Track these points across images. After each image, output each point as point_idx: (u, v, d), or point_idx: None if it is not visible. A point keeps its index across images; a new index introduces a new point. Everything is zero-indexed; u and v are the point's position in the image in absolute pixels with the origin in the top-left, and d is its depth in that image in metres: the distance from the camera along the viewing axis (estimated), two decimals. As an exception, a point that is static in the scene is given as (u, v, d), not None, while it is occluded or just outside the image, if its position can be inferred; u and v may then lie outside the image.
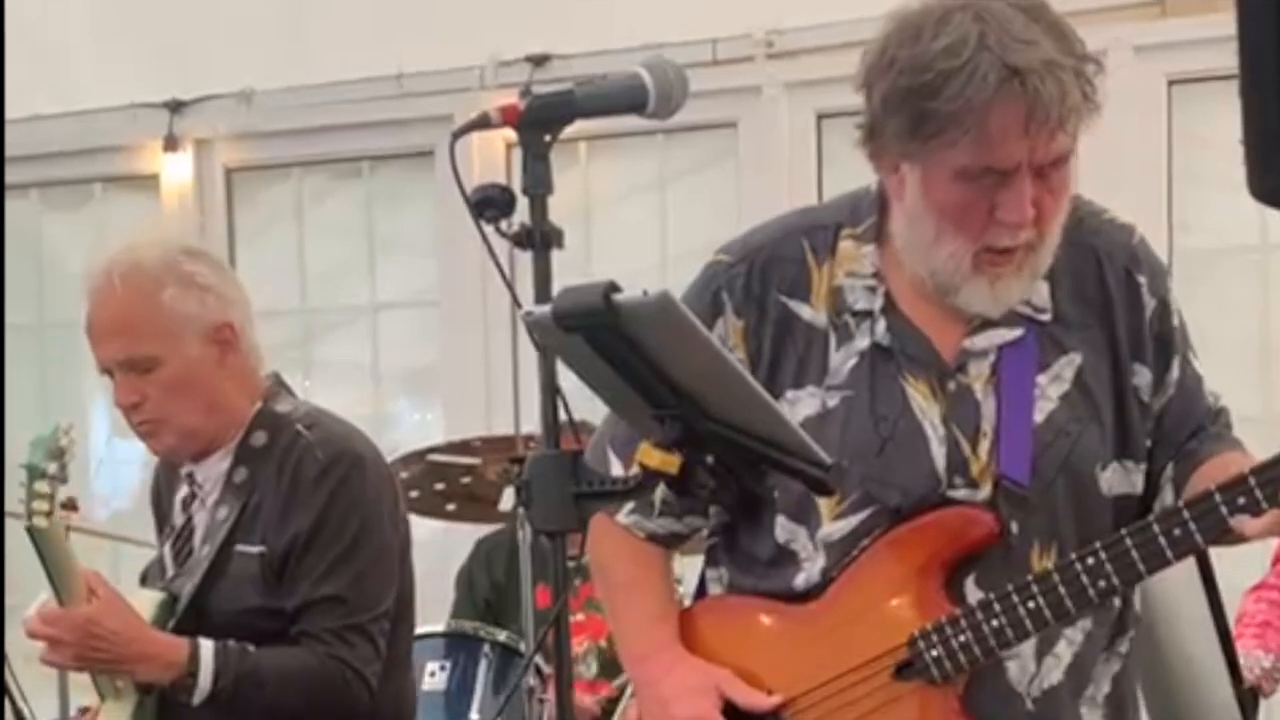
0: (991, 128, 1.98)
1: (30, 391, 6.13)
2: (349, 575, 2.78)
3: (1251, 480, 2.01)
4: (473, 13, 5.46)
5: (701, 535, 2.38)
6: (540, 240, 1.78)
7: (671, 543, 2.36)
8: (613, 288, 1.63)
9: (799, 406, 2.19)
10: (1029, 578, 2.10)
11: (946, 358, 2.18)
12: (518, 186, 1.81)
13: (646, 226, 5.58)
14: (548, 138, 1.81)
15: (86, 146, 6.10)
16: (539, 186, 1.79)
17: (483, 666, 3.87)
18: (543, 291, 1.74)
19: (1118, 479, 2.20)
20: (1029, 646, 2.15)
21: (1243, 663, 3.32)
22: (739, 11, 5.21)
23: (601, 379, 1.72)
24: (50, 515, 2.73)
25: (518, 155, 1.83)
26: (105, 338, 2.82)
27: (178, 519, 2.95)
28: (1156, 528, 2.06)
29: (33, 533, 2.74)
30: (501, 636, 3.93)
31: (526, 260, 1.79)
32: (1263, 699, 3.49)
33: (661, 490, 2.01)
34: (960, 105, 1.97)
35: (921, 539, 2.16)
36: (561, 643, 1.82)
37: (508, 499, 4.12)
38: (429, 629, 3.79)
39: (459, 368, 5.71)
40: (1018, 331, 2.17)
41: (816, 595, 2.21)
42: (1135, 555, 2.06)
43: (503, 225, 1.79)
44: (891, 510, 2.16)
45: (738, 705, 2.22)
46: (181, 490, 2.95)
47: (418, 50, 5.56)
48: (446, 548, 5.03)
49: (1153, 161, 4.88)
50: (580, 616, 4.21)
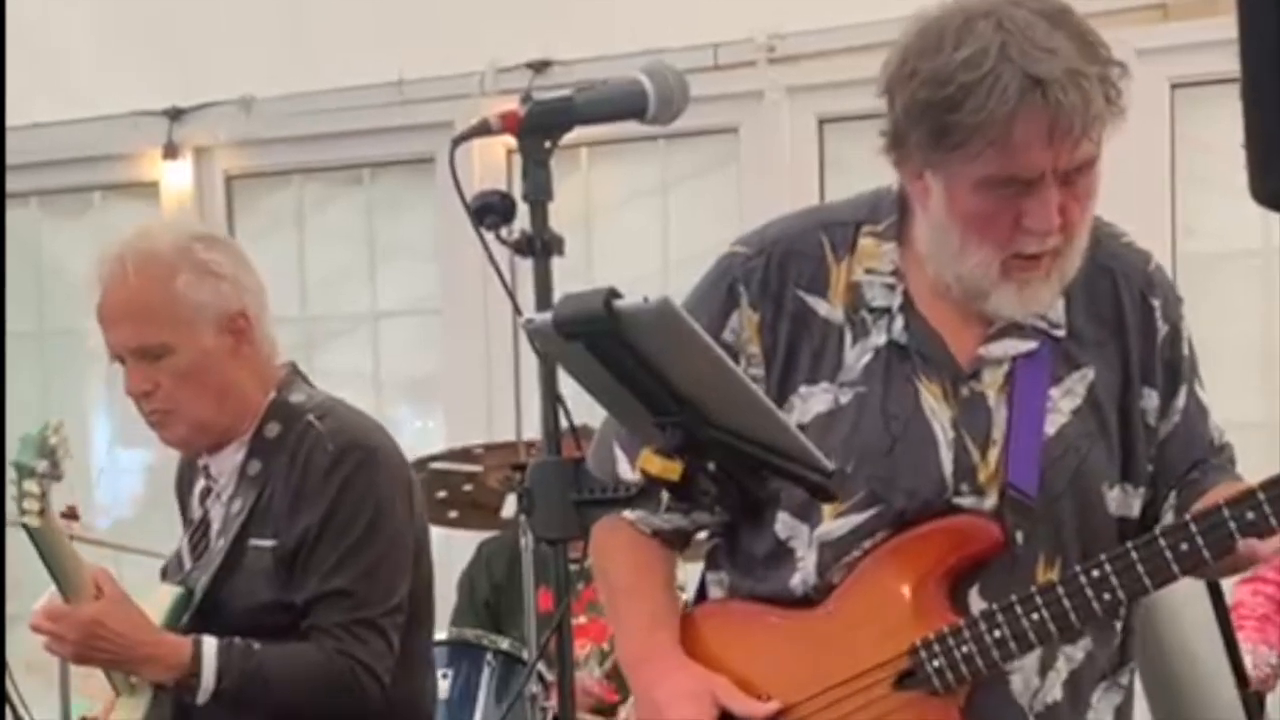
0: (1015, 139, 1.97)
1: (30, 399, 6.10)
2: (359, 569, 2.74)
3: (1260, 495, 2.00)
4: (473, 18, 5.45)
5: (701, 539, 2.36)
6: (541, 247, 1.77)
7: (677, 540, 2.34)
8: (613, 294, 1.62)
9: (811, 402, 2.18)
10: (1033, 589, 2.09)
11: (962, 362, 2.17)
12: (519, 193, 1.80)
13: (648, 232, 5.57)
14: (548, 144, 1.79)
15: (86, 154, 6.10)
16: (539, 193, 1.78)
17: (485, 675, 3.87)
18: (543, 298, 1.74)
19: (1120, 500, 2.19)
20: (1032, 660, 2.13)
21: (1249, 660, 3.31)
22: (740, 16, 5.20)
23: (602, 386, 1.71)
24: (44, 514, 2.70)
25: (519, 161, 1.82)
26: (116, 323, 2.78)
27: (195, 512, 2.92)
28: (1163, 541, 2.05)
29: (29, 531, 2.71)
30: (504, 644, 3.93)
31: (528, 267, 1.78)
32: (1269, 695, 3.48)
33: (666, 486, 2.00)
34: (983, 118, 1.96)
35: (926, 547, 2.14)
36: (564, 647, 1.81)
37: (510, 506, 4.11)
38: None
39: (460, 375, 5.70)
40: (1032, 344, 2.16)
41: (815, 599, 2.19)
42: (1141, 569, 2.05)
43: (503, 232, 1.78)
44: (895, 513, 2.15)
45: (734, 714, 2.20)
46: (199, 483, 2.92)
47: (418, 56, 5.55)
48: (449, 555, 5.00)
49: (1155, 165, 4.86)
50: (583, 619, 4.19)
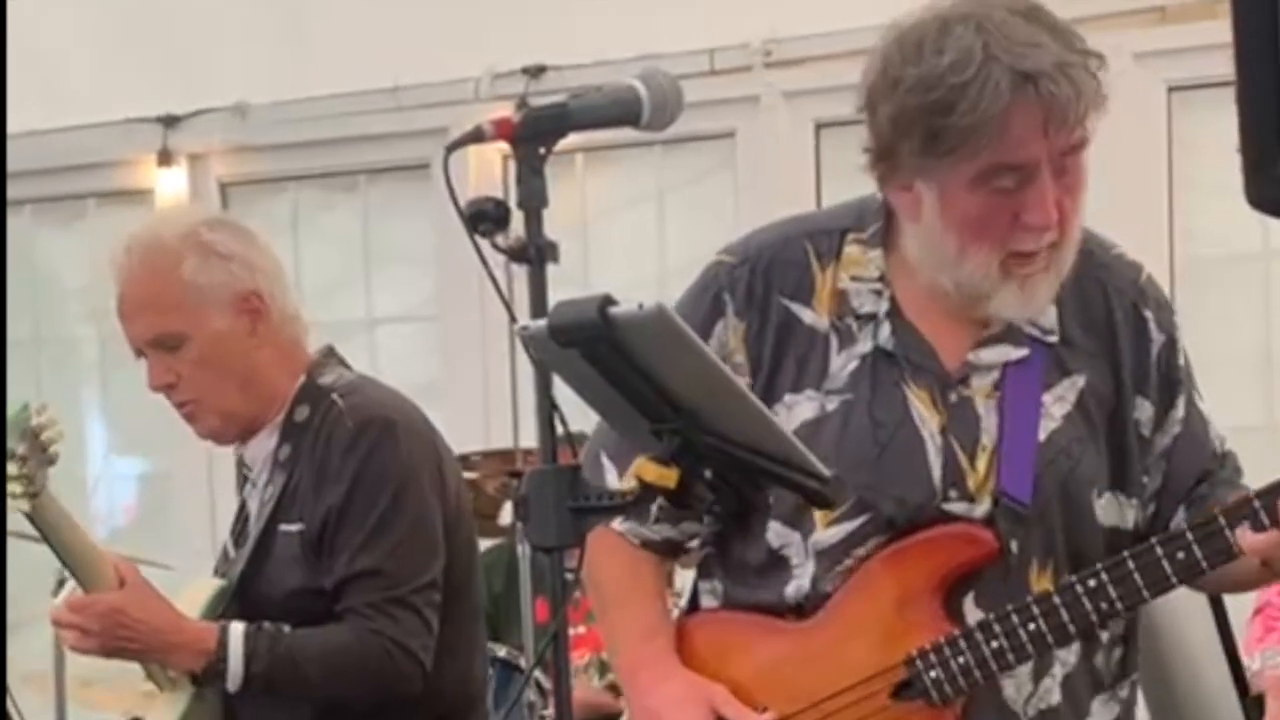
0: (1010, 135, 1.96)
1: (26, 407, 6.10)
2: (385, 546, 2.67)
3: (1256, 503, 2.00)
4: (468, 25, 5.45)
5: (694, 546, 2.35)
6: (536, 254, 1.76)
7: (667, 550, 2.32)
8: (608, 301, 1.61)
9: (797, 410, 2.17)
10: (1029, 599, 2.08)
11: (950, 368, 2.16)
12: (514, 199, 1.79)
13: (644, 238, 5.57)
14: (543, 150, 1.78)
15: (80, 162, 6.10)
16: (534, 200, 1.77)
17: (483, 682, 3.86)
18: (539, 305, 1.72)
19: (1111, 510, 2.18)
20: (1025, 665, 2.12)
21: (1259, 662, 3.30)
22: (736, 21, 5.20)
23: (598, 393, 1.70)
24: (35, 497, 2.60)
25: (514, 167, 1.81)
26: (130, 316, 2.76)
27: (241, 503, 2.89)
28: (1160, 550, 2.04)
29: (27, 518, 2.65)
30: (502, 652, 3.93)
31: (524, 274, 1.77)
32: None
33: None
34: (976, 119, 1.95)
35: (921, 556, 2.13)
36: (560, 656, 1.80)
37: (507, 513, 4.10)
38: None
39: (457, 382, 5.69)
40: (1024, 351, 2.15)
41: (810, 608, 2.18)
42: (1138, 578, 2.05)
43: (498, 239, 1.77)
44: (885, 520, 2.13)
45: None
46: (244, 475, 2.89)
47: (413, 63, 5.55)
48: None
49: (1153, 169, 4.87)
50: (581, 629, 4.19)
